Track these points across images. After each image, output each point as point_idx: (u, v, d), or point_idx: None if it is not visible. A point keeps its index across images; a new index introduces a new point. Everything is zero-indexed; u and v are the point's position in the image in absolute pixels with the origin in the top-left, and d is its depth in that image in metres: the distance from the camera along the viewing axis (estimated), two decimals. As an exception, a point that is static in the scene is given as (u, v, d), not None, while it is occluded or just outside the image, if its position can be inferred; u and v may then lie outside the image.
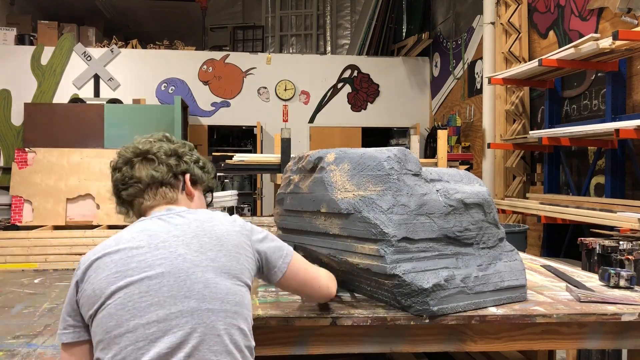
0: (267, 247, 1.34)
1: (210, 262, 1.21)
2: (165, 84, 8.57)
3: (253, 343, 1.27)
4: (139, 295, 1.15)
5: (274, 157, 4.67)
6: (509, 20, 5.92)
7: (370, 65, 8.99)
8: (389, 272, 1.40)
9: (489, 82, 5.45)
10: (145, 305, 1.15)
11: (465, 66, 7.43)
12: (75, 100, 8.10)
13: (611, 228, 3.54)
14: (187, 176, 1.42)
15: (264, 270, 1.35)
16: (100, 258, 1.22)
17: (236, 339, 1.20)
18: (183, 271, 1.19)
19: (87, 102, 8.06)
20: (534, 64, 4.59)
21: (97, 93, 8.42)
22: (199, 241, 1.24)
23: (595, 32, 4.55)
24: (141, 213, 1.37)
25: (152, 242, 1.22)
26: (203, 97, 8.68)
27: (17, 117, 8.07)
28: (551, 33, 5.36)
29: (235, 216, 1.37)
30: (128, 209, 1.40)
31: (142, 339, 1.13)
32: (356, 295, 1.64)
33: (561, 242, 5.00)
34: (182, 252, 1.21)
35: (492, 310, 1.47)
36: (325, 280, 1.43)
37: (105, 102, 7.95)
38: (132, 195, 1.37)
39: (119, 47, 8.59)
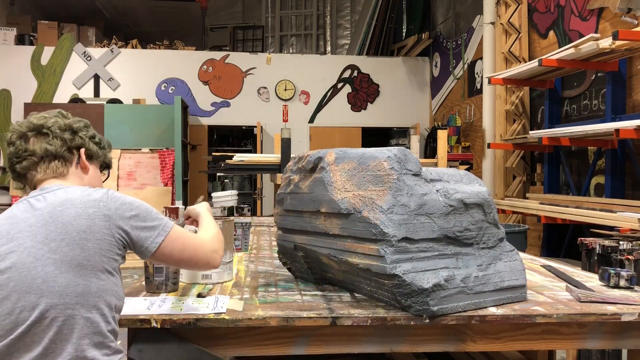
0: (131, 226, 1.32)
1: (52, 254, 1.23)
2: (165, 84, 8.57)
3: (111, 327, 1.29)
4: None
5: (274, 157, 4.67)
6: (509, 20, 5.92)
7: (370, 65, 8.99)
8: (389, 272, 1.40)
9: (489, 82, 5.45)
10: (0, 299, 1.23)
11: (465, 66, 7.43)
12: (75, 100, 8.10)
13: (611, 228, 3.54)
14: (82, 150, 1.45)
15: (132, 249, 1.35)
16: None
17: (80, 329, 1.23)
18: (26, 266, 1.23)
19: (87, 102, 8.06)
20: (534, 64, 4.59)
21: (97, 93, 8.41)
22: (46, 231, 1.25)
23: (595, 32, 4.55)
24: (34, 186, 1.40)
25: (10, 232, 1.27)
26: (203, 97, 8.68)
27: (17, 117, 8.07)
28: (551, 33, 5.36)
29: (101, 193, 1.34)
30: (24, 183, 1.43)
31: (0, 329, 1.22)
32: (356, 295, 1.64)
33: (561, 242, 5.00)
34: (28, 245, 1.24)
35: (492, 310, 1.47)
36: (203, 254, 1.42)
37: (105, 102, 7.95)
38: (25, 168, 1.39)
39: (119, 47, 8.59)
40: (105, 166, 1.58)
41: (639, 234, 3.16)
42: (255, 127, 8.59)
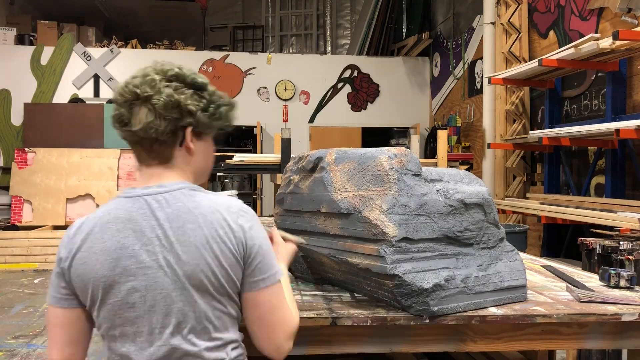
0: (252, 255, 1.20)
1: (188, 278, 1.14)
2: (165, 84, 8.56)
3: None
4: (127, 306, 1.15)
5: (274, 157, 4.67)
6: (509, 20, 5.92)
7: (370, 65, 8.99)
8: (389, 272, 1.40)
9: (489, 82, 5.45)
10: (133, 316, 1.15)
11: (465, 66, 7.42)
12: (75, 100, 8.10)
13: (611, 228, 3.54)
14: (189, 130, 1.23)
15: (243, 276, 1.21)
16: (85, 245, 1.17)
17: (209, 354, 1.18)
18: (164, 288, 1.14)
19: (87, 102, 8.07)
20: (534, 64, 4.59)
21: (96, 93, 8.42)
22: (181, 249, 1.14)
23: (596, 32, 4.55)
24: (138, 164, 1.26)
25: (137, 242, 1.15)
26: (203, 97, 8.67)
27: (16, 117, 8.08)
28: (551, 33, 5.36)
29: (233, 211, 1.20)
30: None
31: (133, 346, 1.16)
32: (356, 295, 1.64)
33: (561, 242, 5.00)
34: (163, 264, 1.14)
35: (492, 310, 1.47)
36: (283, 332, 1.24)
37: (105, 102, 7.95)
38: (128, 142, 1.24)
39: (119, 47, 8.59)
40: (222, 129, 1.33)
41: (639, 234, 3.16)
42: (255, 127, 8.59)
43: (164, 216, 1.17)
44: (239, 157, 4.58)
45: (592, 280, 1.84)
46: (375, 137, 9.40)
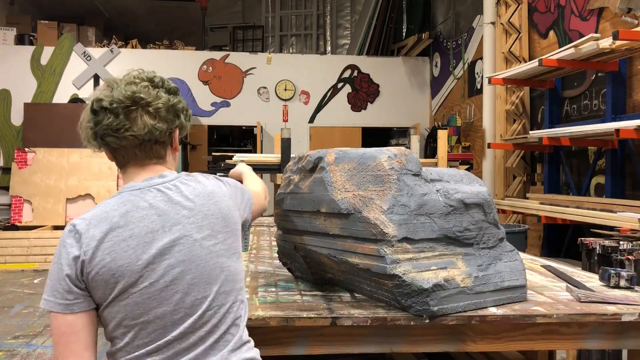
0: (244, 211, 1.42)
1: (222, 245, 1.26)
2: (165, 84, 8.57)
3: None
4: (164, 284, 1.18)
5: (274, 157, 4.67)
6: (509, 20, 5.92)
7: (370, 65, 8.99)
8: (389, 272, 1.40)
9: (489, 82, 5.45)
10: (171, 293, 1.18)
11: (465, 66, 7.42)
12: (75, 100, 8.10)
13: (611, 228, 3.54)
14: (177, 131, 1.33)
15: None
16: (108, 236, 1.17)
17: (240, 312, 1.29)
18: (202, 259, 1.22)
19: (87, 102, 8.07)
20: (534, 64, 4.58)
21: (97, 93, 8.41)
22: (209, 222, 1.25)
23: (596, 32, 4.55)
24: (124, 165, 1.29)
25: (166, 225, 1.21)
26: (203, 97, 8.68)
27: (17, 117, 8.07)
28: (551, 33, 5.36)
29: (227, 184, 1.38)
30: (111, 154, 1.31)
31: (169, 323, 1.18)
32: (356, 295, 1.64)
33: (561, 242, 5.00)
34: (197, 237, 1.22)
35: (492, 310, 1.47)
36: (262, 204, 1.60)
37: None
38: (122, 146, 1.26)
39: (119, 47, 8.59)
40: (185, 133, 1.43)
41: (639, 234, 3.16)
42: (255, 127, 8.59)
43: (184, 198, 1.25)
44: (238, 157, 4.58)
45: (592, 280, 1.84)
46: (375, 137, 9.39)
